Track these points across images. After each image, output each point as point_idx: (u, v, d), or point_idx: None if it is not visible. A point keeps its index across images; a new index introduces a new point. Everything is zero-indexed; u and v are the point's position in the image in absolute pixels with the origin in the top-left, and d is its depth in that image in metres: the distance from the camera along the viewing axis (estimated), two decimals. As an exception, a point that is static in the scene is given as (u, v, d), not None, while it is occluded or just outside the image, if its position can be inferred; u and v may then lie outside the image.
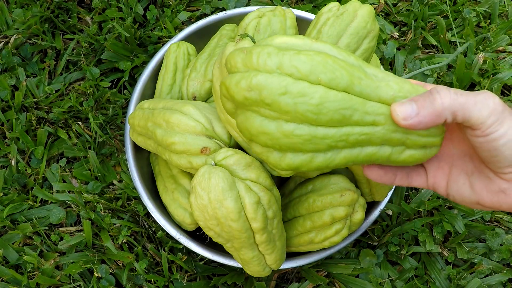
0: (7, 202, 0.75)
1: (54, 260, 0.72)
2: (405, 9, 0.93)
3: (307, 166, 0.34)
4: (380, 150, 0.36)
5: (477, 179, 0.40)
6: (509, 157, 0.35)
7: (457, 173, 0.41)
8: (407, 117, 0.35)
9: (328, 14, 0.64)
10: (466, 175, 0.40)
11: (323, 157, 0.34)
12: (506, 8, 0.93)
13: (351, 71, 0.34)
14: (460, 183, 0.41)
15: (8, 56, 0.83)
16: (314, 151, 0.34)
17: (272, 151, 0.34)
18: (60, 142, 0.80)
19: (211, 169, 0.50)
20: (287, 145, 0.33)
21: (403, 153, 0.37)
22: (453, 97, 0.35)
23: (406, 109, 0.35)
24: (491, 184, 0.38)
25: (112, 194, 0.76)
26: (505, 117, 0.35)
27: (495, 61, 0.88)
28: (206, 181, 0.50)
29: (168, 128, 0.58)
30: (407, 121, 0.35)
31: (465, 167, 0.41)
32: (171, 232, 0.65)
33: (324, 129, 0.33)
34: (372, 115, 0.35)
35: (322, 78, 0.32)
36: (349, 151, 0.35)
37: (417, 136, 0.37)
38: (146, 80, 0.74)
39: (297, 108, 0.32)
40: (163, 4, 0.91)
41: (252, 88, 0.32)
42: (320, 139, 0.33)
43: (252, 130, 0.33)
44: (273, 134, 0.32)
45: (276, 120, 0.32)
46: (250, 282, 0.72)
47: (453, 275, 0.73)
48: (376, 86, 0.35)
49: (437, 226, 0.76)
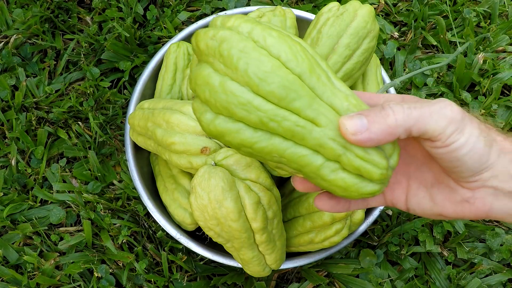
0: (7, 202, 0.75)
1: (54, 260, 0.72)
2: (405, 9, 0.93)
3: (231, 136, 0.33)
4: (311, 157, 0.34)
5: (437, 190, 0.37)
6: (472, 166, 0.34)
7: (416, 186, 0.39)
8: (357, 132, 0.32)
9: (328, 14, 0.64)
10: (426, 187, 0.38)
11: (250, 134, 0.33)
12: (506, 8, 0.93)
13: (313, 66, 0.33)
14: (420, 196, 0.38)
15: (8, 56, 0.83)
16: (245, 122, 0.33)
17: (207, 110, 0.33)
18: (60, 142, 0.80)
19: (211, 169, 0.50)
20: (222, 104, 0.32)
21: (334, 173, 0.34)
22: (406, 112, 0.32)
23: (356, 123, 0.32)
24: (454, 195, 0.36)
25: (112, 194, 0.76)
26: (465, 125, 0.33)
27: (495, 61, 0.88)
28: (206, 181, 0.50)
29: (168, 128, 0.58)
30: (356, 136, 0.32)
31: (424, 178, 0.38)
32: (171, 232, 0.65)
33: (261, 100, 0.32)
34: (315, 112, 0.33)
35: (282, 56, 0.32)
36: (279, 141, 0.33)
37: (355, 156, 0.34)
38: (146, 80, 0.74)
39: (246, 68, 0.31)
40: (163, 4, 0.91)
41: (216, 37, 0.32)
42: (254, 108, 0.32)
43: (198, 79, 0.33)
44: (214, 87, 0.32)
45: (223, 75, 0.32)
46: (250, 282, 0.72)
47: (453, 275, 0.73)
48: (333, 92, 0.34)
49: (437, 226, 0.76)
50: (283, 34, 0.33)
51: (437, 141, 0.33)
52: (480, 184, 0.35)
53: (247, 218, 0.51)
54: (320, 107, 0.33)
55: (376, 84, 0.70)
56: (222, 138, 0.34)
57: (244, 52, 0.32)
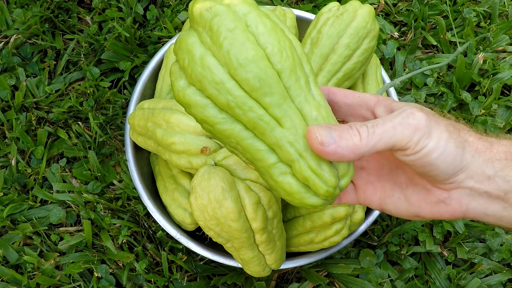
0: (7, 202, 0.75)
1: (54, 260, 0.72)
2: (405, 9, 0.93)
3: (197, 110, 0.33)
4: (266, 153, 0.34)
5: (412, 192, 0.37)
6: (446, 169, 0.34)
7: (390, 187, 0.39)
8: (325, 143, 0.32)
9: (328, 14, 0.64)
10: (400, 189, 0.38)
11: (214, 113, 0.33)
12: (506, 8, 0.93)
13: (295, 66, 0.33)
14: (395, 198, 0.38)
15: (8, 56, 0.83)
16: (213, 100, 0.33)
17: (182, 77, 0.34)
18: (60, 142, 0.80)
19: (211, 169, 0.50)
20: (197, 76, 0.32)
21: (283, 176, 0.34)
22: (370, 132, 0.33)
23: (326, 133, 0.32)
24: (430, 196, 0.36)
25: (112, 194, 0.76)
26: (432, 129, 0.33)
27: (495, 61, 0.88)
28: (206, 181, 0.50)
29: (168, 128, 0.58)
30: (323, 147, 0.32)
31: (398, 180, 0.38)
32: (171, 232, 0.65)
33: (234, 85, 0.32)
34: (283, 112, 0.33)
35: (268, 48, 0.32)
36: (240, 128, 0.33)
37: (307, 166, 0.33)
38: (146, 80, 0.74)
39: (230, 49, 0.32)
40: (163, 4, 0.91)
41: (211, 10, 0.32)
42: (226, 90, 0.32)
43: (182, 44, 0.33)
44: (194, 57, 0.32)
45: (206, 49, 0.32)
46: (250, 282, 0.72)
47: (453, 275, 0.73)
48: (306, 98, 0.34)
49: (437, 226, 0.76)
50: (277, 27, 0.33)
51: (407, 149, 0.33)
52: (456, 185, 0.35)
53: (247, 218, 0.51)
54: (289, 109, 0.33)
55: (376, 84, 0.70)
56: (188, 109, 0.34)
57: (233, 32, 0.32)
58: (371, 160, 0.40)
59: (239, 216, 0.50)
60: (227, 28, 0.32)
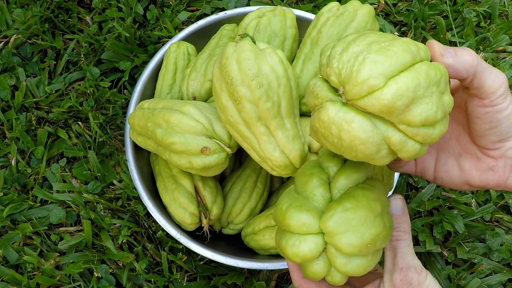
0: (7, 202, 0.75)
1: (54, 260, 0.72)
2: (405, 9, 0.93)
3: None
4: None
5: (465, 160, 0.42)
6: (505, 130, 0.38)
7: (445, 156, 0.43)
8: (445, 54, 0.36)
9: (328, 14, 0.64)
10: (454, 157, 0.43)
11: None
12: (506, 8, 0.93)
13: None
14: (449, 165, 0.43)
15: (8, 56, 0.83)
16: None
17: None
18: (60, 142, 0.80)
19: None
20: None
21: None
22: (480, 60, 0.37)
23: (445, 48, 0.37)
24: (480, 163, 0.41)
25: (112, 194, 0.76)
26: (509, 93, 0.38)
27: (495, 61, 0.88)
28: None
29: (168, 128, 0.58)
30: (443, 58, 0.36)
31: (453, 149, 0.43)
32: (171, 232, 0.65)
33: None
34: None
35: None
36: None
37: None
38: (146, 80, 0.74)
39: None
40: (163, 4, 0.91)
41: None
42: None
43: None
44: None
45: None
46: (250, 282, 0.72)
47: (453, 275, 0.73)
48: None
49: (437, 226, 0.76)
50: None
51: (487, 99, 0.37)
52: (502, 153, 0.40)
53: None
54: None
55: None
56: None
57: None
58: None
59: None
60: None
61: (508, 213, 0.80)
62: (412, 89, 0.32)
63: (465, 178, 0.42)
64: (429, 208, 0.77)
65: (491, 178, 0.41)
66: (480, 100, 0.38)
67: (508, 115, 0.38)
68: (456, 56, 0.37)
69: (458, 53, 0.37)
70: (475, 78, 0.37)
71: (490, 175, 0.41)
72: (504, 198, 0.79)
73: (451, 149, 0.43)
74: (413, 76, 0.33)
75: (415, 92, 0.33)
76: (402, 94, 0.32)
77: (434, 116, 0.34)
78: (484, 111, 0.38)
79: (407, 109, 0.33)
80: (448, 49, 0.37)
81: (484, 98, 0.38)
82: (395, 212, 0.43)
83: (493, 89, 0.37)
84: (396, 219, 0.43)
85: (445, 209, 0.78)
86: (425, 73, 0.33)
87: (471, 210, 0.77)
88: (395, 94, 0.32)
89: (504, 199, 0.79)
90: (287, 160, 0.55)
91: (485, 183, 0.41)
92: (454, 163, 0.43)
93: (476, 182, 0.42)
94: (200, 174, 0.60)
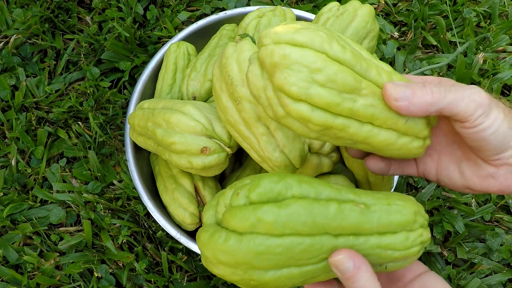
0: (7, 202, 0.75)
1: (54, 260, 0.72)
2: (405, 9, 0.93)
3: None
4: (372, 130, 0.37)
5: (466, 165, 0.42)
6: (496, 146, 0.38)
7: (446, 160, 0.43)
8: (399, 99, 0.36)
9: (328, 14, 0.64)
10: (455, 162, 0.43)
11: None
12: (506, 8, 0.93)
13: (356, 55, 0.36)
14: (450, 170, 0.43)
15: (8, 56, 0.83)
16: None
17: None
18: (60, 142, 0.80)
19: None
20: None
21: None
22: (442, 95, 0.37)
23: (400, 90, 0.36)
24: (480, 170, 0.41)
25: (112, 194, 0.76)
26: (491, 109, 0.37)
27: (495, 61, 0.88)
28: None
29: (168, 128, 0.58)
30: (397, 102, 0.36)
31: (454, 154, 0.43)
32: (171, 232, 0.65)
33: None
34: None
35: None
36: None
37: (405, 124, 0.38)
38: (146, 80, 0.74)
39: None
40: (163, 4, 0.91)
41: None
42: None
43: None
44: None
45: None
46: (250, 282, 0.72)
47: (453, 275, 0.73)
48: (378, 71, 0.37)
49: (437, 226, 0.76)
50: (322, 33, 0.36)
51: (466, 122, 0.37)
52: (503, 162, 0.39)
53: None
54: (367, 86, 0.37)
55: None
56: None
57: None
58: (432, 137, 0.44)
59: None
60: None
61: (508, 213, 0.80)
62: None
63: (466, 183, 0.42)
64: (429, 208, 0.77)
65: (492, 185, 0.41)
66: (461, 123, 0.37)
67: (493, 132, 0.37)
68: (413, 98, 0.36)
69: (417, 94, 0.36)
70: (443, 111, 0.37)
71: (491, 182, 0.40)
72: (504, 198, 0.79)
73: (453, 153, 0.43)
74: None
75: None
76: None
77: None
78: (468, 132, 0.38)
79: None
80: (405, 91, 0.36)
81: (464, 121, 0.37)
82: (342, 273, 0.35)
83: (468, 113, 0.36)
84: (347, 281, 0.35)
85: (445, 209, 0.78)
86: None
87: (471, 210, 0.77)
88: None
89: (504, 199, 0.79)
90: (287, 160, 0.55)
91: (486, 189, 0.41)
92: (455, 168, 0.43)
93: (477, 187, 0.42)
94: (200, 174, 0.60)
